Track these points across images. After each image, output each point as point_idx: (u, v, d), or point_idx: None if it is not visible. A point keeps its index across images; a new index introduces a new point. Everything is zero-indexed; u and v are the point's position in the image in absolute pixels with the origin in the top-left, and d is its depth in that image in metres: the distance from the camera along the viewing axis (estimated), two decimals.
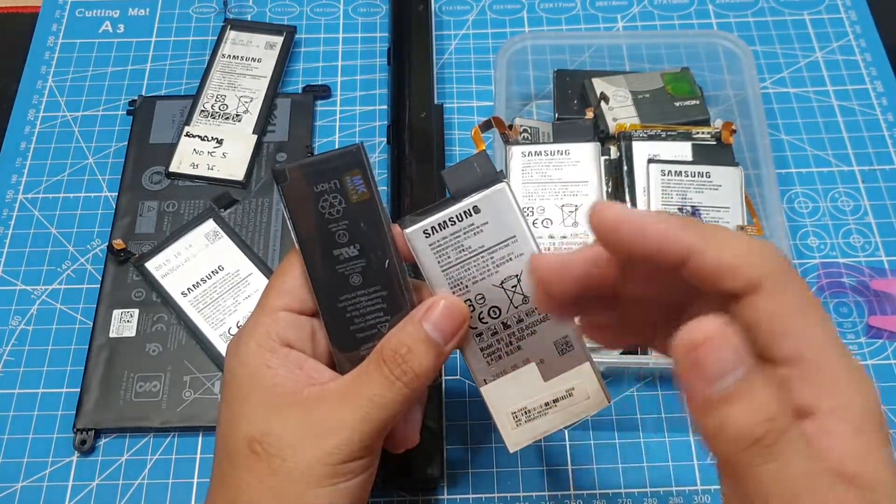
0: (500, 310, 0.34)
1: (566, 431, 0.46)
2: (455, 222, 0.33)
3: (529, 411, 0.34)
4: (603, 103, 0.51)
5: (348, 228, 0.34)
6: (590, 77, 0.53)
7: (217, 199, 0.52)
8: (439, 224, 0.33)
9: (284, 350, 0.33)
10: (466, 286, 0.33)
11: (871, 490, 0.22)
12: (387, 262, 0.34)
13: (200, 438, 0.46)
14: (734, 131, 0.49)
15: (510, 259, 0.33)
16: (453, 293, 0.33)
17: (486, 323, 0.34)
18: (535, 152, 0.48)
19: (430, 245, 0.33)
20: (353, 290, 0.34)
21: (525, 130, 0.52)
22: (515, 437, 0.35)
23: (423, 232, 0.33)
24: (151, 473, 0.45)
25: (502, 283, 0.33)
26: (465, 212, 0.33)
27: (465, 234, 0.33)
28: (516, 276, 0.33)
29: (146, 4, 0.63)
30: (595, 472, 0.45)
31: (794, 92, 0.58)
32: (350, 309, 0.34)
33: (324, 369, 0.34)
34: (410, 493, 0.44)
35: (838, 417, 0.23)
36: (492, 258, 0.33)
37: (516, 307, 0.34)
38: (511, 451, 0.35)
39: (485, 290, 0.33)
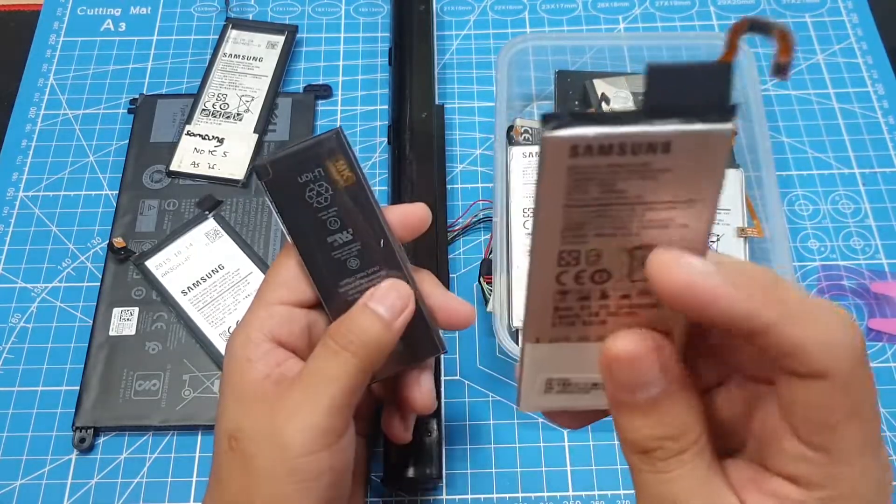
0: (608, 276, 0.24)
1: (565, 433, 0.46)
2: (626, 152, 0.20)
3: (570, 385, 0.28)
4: (604, 104, 0.51)
5: (339, 214, 0.34)
6: (591, 78, 0.53)
7: (200, 203, 0.52)
8: (604, 145, 0.20)
9: (267, 345, 0.33)
10: (584, 235, 0.23)
11: None
12: (381, 242, 0.34)
13: (199, 437, 0.46)
14: (735, 133, 0.48)
15: (667, 226, 0.22)
16: (561, 235, 0.22)
17: (583, 284, 0.24)
18: (537, 153, 0.48)
19: (567, 168, 0.21)
20: (353, 274, 0.34)
21: (526, 131, 0.52)
22: (536, 401, 0.28)
23: (573, 147, 0.20)
24: (150, 472, 0.45)
25: (635, 248, 0.23)
26: (651, 143, 0.20)
27: (628, 172, 0.21)
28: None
29: (147, 3, 0.63)
30: (594, 473, 0.45)
31: (795, 94, 0.58)
32: (352, 293, 0.34)
33: (300, 366, 0.34)
34: (409, 493, 0.44)
35: None
36: (645, 216, 0.22)
37: (632, 281, 0.24)
38: (522, 409, 0.29)
39: (605, 249, 0.23)
